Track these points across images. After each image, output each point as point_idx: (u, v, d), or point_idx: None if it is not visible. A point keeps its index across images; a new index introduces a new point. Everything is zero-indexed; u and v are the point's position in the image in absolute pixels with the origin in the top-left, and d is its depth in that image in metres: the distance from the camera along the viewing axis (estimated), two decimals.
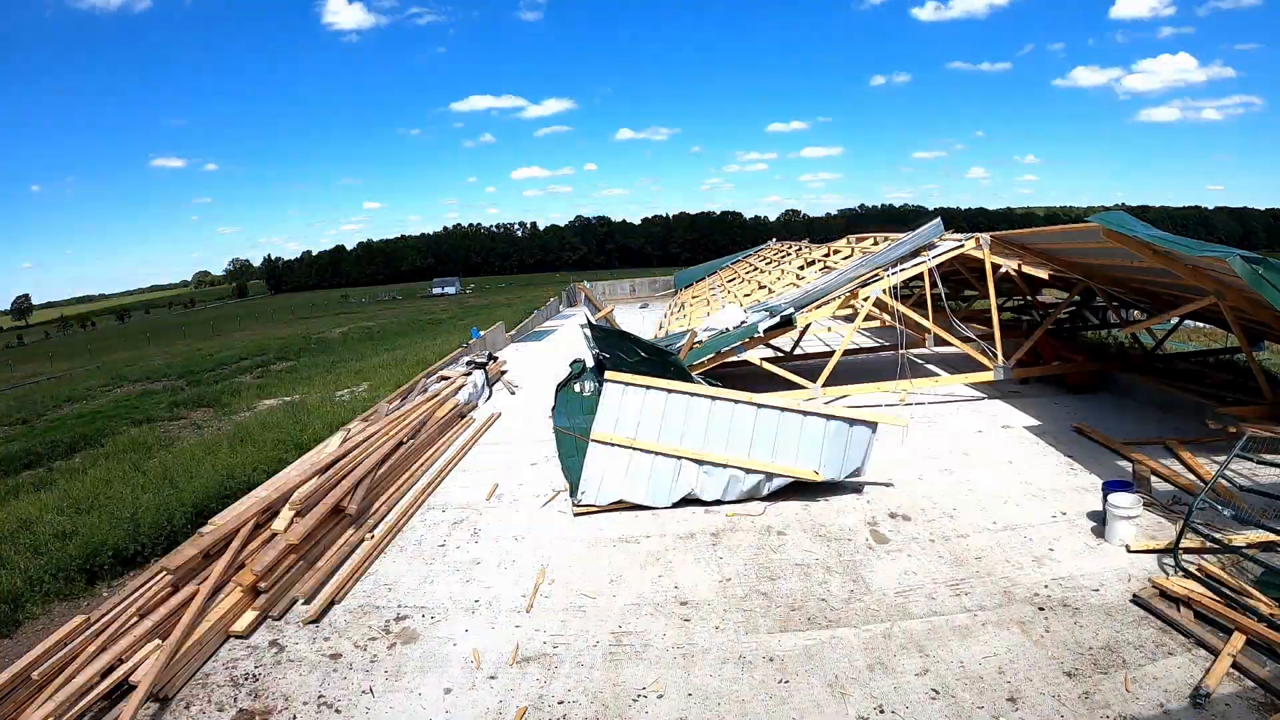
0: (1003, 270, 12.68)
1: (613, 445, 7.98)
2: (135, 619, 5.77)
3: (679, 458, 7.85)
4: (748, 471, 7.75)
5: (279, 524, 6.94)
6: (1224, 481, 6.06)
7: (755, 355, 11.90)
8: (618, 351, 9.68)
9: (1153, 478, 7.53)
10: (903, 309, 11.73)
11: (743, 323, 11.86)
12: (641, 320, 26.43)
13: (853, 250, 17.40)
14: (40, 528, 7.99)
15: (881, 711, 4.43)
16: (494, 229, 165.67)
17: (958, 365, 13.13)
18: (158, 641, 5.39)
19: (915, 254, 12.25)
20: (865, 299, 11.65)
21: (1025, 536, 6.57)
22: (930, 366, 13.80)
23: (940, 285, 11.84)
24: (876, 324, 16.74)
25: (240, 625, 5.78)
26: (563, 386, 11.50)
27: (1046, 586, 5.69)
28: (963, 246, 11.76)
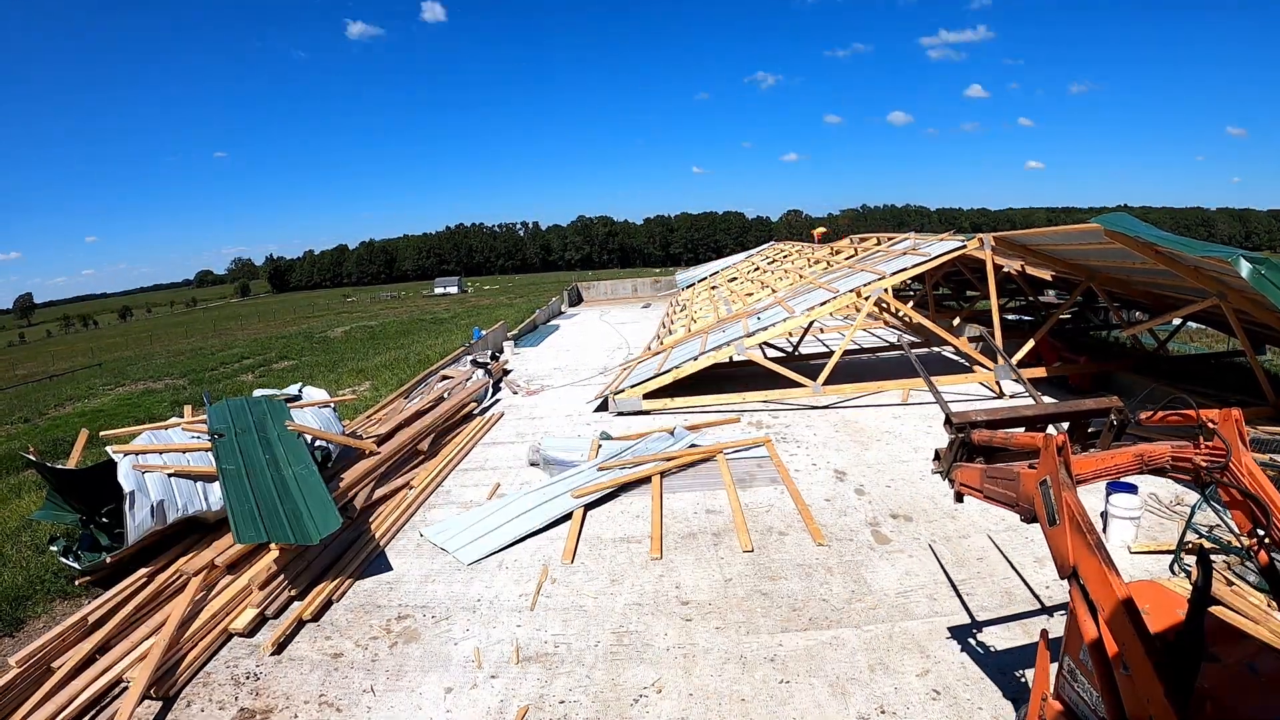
0: (1005, 271, 12.68)
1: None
2: (136, 618, 5.78)
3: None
4: None
5: None
6: None
7: (757, 354, 11.91)
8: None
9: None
10: (905, 309, 11.73)
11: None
12: (643, 320, 26.44)
13: (855, 250, 17.39)
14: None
15: (883, 712, 4.43)
16: (496, 228, 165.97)
17: (959, 366, 13.12)
18: (158, 640, 5.39)
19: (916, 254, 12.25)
20: (867, 299, 11.66)
21: (1026, 536, 6.55)
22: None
23: (942, 286, 11.84)
24: (879, 325, 16.74)
25: (241, 623, 5.79)
26: None
27: (1048, 587, 5.68)
28: (965, 247, 11.76)
